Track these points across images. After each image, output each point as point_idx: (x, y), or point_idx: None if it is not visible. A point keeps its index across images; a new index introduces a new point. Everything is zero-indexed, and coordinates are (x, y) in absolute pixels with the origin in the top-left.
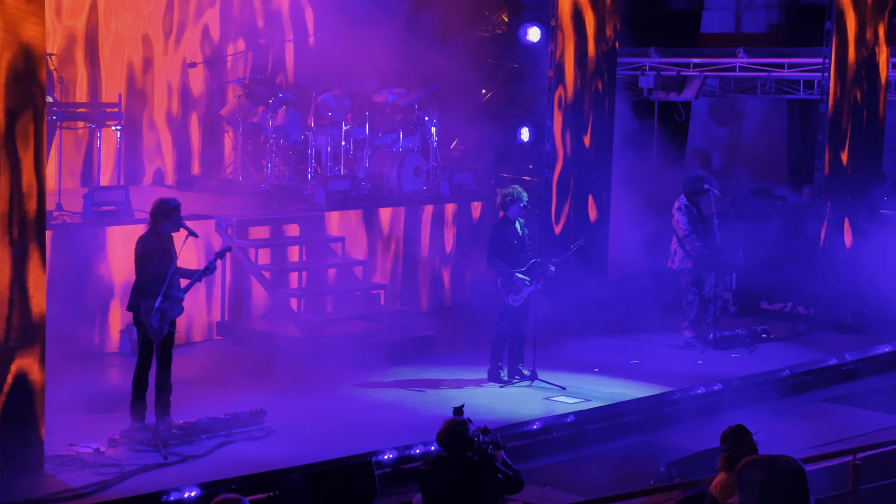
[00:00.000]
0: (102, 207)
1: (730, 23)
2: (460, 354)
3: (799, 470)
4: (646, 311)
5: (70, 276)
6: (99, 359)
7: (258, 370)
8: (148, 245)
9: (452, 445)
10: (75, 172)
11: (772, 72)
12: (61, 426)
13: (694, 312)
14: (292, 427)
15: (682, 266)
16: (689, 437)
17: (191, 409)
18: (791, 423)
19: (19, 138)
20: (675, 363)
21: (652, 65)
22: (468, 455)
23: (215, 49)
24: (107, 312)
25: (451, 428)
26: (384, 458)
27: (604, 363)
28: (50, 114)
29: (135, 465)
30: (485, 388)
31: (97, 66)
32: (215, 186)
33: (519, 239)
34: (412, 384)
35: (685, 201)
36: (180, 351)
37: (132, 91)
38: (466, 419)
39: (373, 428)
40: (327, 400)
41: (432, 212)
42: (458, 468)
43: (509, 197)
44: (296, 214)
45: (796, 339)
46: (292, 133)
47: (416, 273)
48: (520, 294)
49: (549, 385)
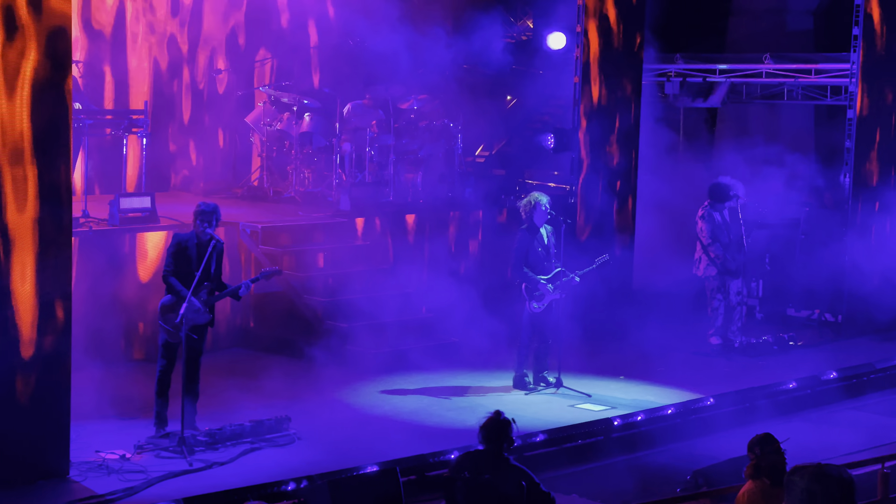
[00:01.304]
0: (128, 214)
1: (756, 29)
2: (485, 361)
3: (847, 480)
4: (671, 318)
5: (96, 283)
6: (124, 365)
7: (283, 377)
8: (174, 242)
9: (493, 437)
10: (101, 179)
11: (798, 78)
12: (87, 432)
13: (720, 319)
14: (317, 434)
15: (706, 273)
16: (715, 444)
17: (216, 416)
18: (819, 431)
19: (46, 145)
20: (701, 370)
21: (678, 71)
22: (503, 453)
23: (241, 56)
24: (132, 319)
25: (497, 420)
26: (409, 466)
27: (629, 370)
28: (76, 121)
29: (160, 471)
30: (510, 395)
31: (123, 73)
32: (241, 193)
33: (544, 246)
34: (437, 391)
35: (710, 208)
36: (205, 358)
37: (158, 98)
38: (512, 419)
39: (398, 435)
40: (352, 407)
41: (457, 218)
42: (490, 462)
43: (529, 205)
44: (321, 221)
45: (823, 347)
46: (317, 140)
47: (440, 279)
48: (542, 301)
49: (575, 392)
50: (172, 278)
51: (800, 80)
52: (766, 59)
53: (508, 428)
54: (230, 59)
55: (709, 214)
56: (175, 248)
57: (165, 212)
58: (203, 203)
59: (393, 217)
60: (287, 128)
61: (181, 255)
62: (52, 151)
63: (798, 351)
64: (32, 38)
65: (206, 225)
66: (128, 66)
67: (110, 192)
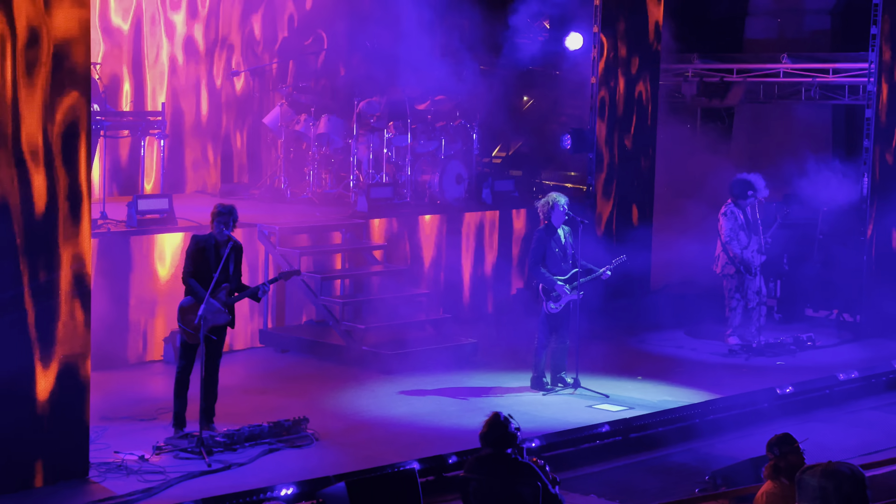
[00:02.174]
0: (146, 216)
1: (773, 28)
2: (503, 362)
3: (860, 477)
4: (689, 318)
5: (114, 284)
6: (143, 366)
7: (301, 378)
8: (193, 243)
9: (493, 440)
10: (119, 181)
11: (816, 77)
12: (106, 433)
13: (737, 319)
14: (335, 435)
15: (725, 271)
16: (733, 444)
17: (234, 417)
18: (838, 431)
19: (65, 147)
20: (719, 370)
21: (695, 71)
22: (508, 452)
23: (259, 57)
24: (151, 320)
25: (493, 422)
26: (427, 466)
27: (647, 370)
28: (95, 122)
29: (179, 472)
30: (528, 396)
31: (141, 75)
32: (258, 194)
33: (561, 247)
34: (455, 392)
35: (731, 206)
36: (223, 359)
37: (176, 99)
38: (508, 415)
39: (416, 436)
40: (370, 408)
41: (474, 219)
42: (499, 466)
43: (547, 205)
44: (338, 222)
45: (842, 347)
46: (335, 141)
47: (458, 280)
48: (560, 302)
49: (592, 393)
50: (192, 279)
51: (817, 80)
52: (784, 59)
53: (507, 428)
54: (248, 61)
55: (731, 212)
56: (194, 250)
57: (183, 213)
58: (221, 204)
59: (410, 218)
60: (304, 129)
61: (200, 256)
62: (70, 153)
63: (816, 351)
64: (51, 40)
65: (223, 226)
66: (145, 67)
67: (128, 194)
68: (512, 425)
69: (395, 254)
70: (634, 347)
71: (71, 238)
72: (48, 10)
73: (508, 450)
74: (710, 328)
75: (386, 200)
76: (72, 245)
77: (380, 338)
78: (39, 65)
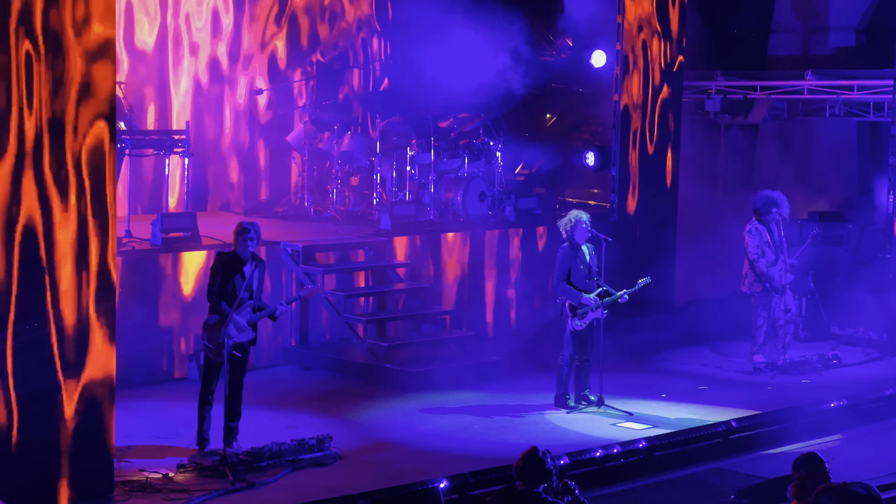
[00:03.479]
0: (171, 234)
1: (797, 45)
2: (526, 380)
3: (875, 497)
4: (714, 336)
5: (139, 302)
6: (167, 384)
7: (325, 396)
8: (217, 260)
9: (528, 475)
10: (144, 199)
11: (840, 94)
12: (131, 451)
13: (762, 337)
14: (359, 453)
15: (752, 289)
16: (759, 464)
17: (258, 435)
18: (866, 450)
19: (91, 166)
20: (744, 389)
21: (718, 88)
22: (539, 490)
23: (282, 75)
24: (175, 337)
25: (530, 457)
26: (450, 485)
27: (671, 389)
28: (120, 141)
29: (203, 490)
30: (551, 414)
31: (166, 94)
32: (282, 212)
33: (586, 264)
34: (478, 410)
35: (756, 224)
36: (247, 376)
37: (200, 117)
38: (545, 451)
39: (439, 454)
40: (393, 426)
41: (497, 237)
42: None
43: (569, 223)
44: (361, 240)
45: (868, 365)
46: (358, 158)
47: (481, 298)
48: (584, 319)
49: (616, 411)
50: (216, 297)
51: (842, 97)
52: (808, 76)
53: (543, 465)
54: (271, 79)
55: (756, 229)
56: (218, 268)
57: (207, 231)
58: (244, 222)
59: (433, 236)
60: (328, 147)
61: (224, 274)
62: (96, 172)
63: (842, 369)
64: (77, 60)
65: (247, 244)
66: (170, 86)
67: (153, 213)
68: (549, 462)
69: (418, 271)
70: (659, 365)
71: (96, 258)
72: (75, 31)
73: (541, 486)
74: (735, 346)
75: (409, 218)
76: (97, 265)
77: (403, 355)
78: (65, 84)
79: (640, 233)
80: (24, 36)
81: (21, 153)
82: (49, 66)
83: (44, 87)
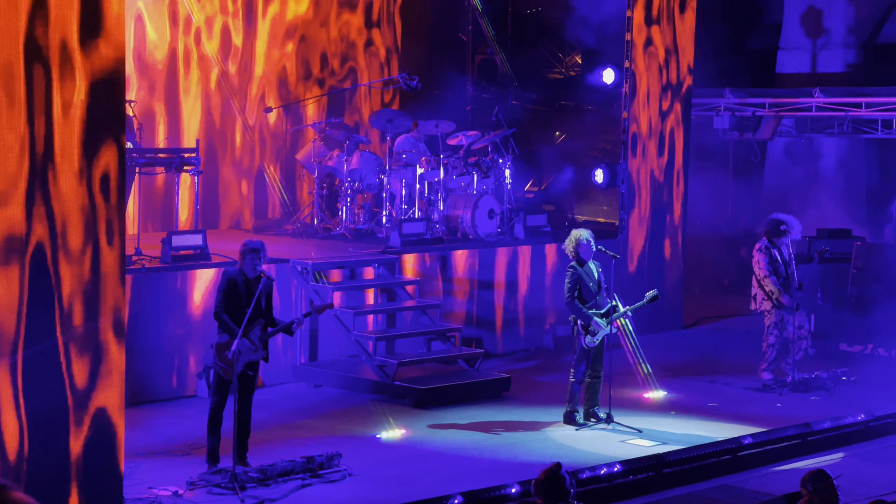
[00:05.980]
0: (180, 252)
1: (805, 63)
2: (535, 397)
3: None
4: (722, 353)
5: (148, 320)
6: (176, 402)
7: (334, 413)
8: (224, 278)
9: (546, 491)
10: (154, 217)
11: (849, 111)
12: (140, 469)
13: (773, 354)
14: (368, 470)
15: (762, 307)
16: (767, 480)
17: (268, 452)
18: (873, 467)
19: (100, 186)
20: (753, 405)
21: (727, 105)
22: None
23: (291, 93)
24: (185, 356)
25: (551, 474)
26: (463, 501)
27: (680, 405)
28: (130, 160)
29: None
30: (560, 431)
31: (176, 111)
32: (291, 230)
33: (595, 281)
34: (488, 427)
35: (766, 242)
36: (256, 394)
37: (210, 136)
38: (567, 471)
39: (449, 471)
40: (403, 442)
41: (507, 254)
42: None
43: (572, 243)
44: (371, 257)
45: (877, 382)
46: (367, 176)
47: (490, 315)
48: (596, 336)
49: (626, 428)
50: (224, 315)
51: (850, 114)
52: (816, 93)
53: (563, 484)
54: (281, 97)
55: (766, 247)
56: (225, 286)
57: (217, 249)
58: (250, 241)
59: (442, 253)
60: (337, 164)
61: (231, 292)
62: (105, 191)
63: (851, 386)
64: (86, 78)
65: (254, 262)
66: (180, 104)
67: (163, 230)
68: (568, 481)
69: (427, 289)
70: (667, 382)
71: (106, 278)
72: (84, 50)
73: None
74: (743, 363)
75: (418, 236)
76: (107, 285)
77: (412, 373)
78: (75, 104)
79: (650, 249)
80: (32, 58)
81: (32, 175)
82: (58, 85)
83: (54, 106)
